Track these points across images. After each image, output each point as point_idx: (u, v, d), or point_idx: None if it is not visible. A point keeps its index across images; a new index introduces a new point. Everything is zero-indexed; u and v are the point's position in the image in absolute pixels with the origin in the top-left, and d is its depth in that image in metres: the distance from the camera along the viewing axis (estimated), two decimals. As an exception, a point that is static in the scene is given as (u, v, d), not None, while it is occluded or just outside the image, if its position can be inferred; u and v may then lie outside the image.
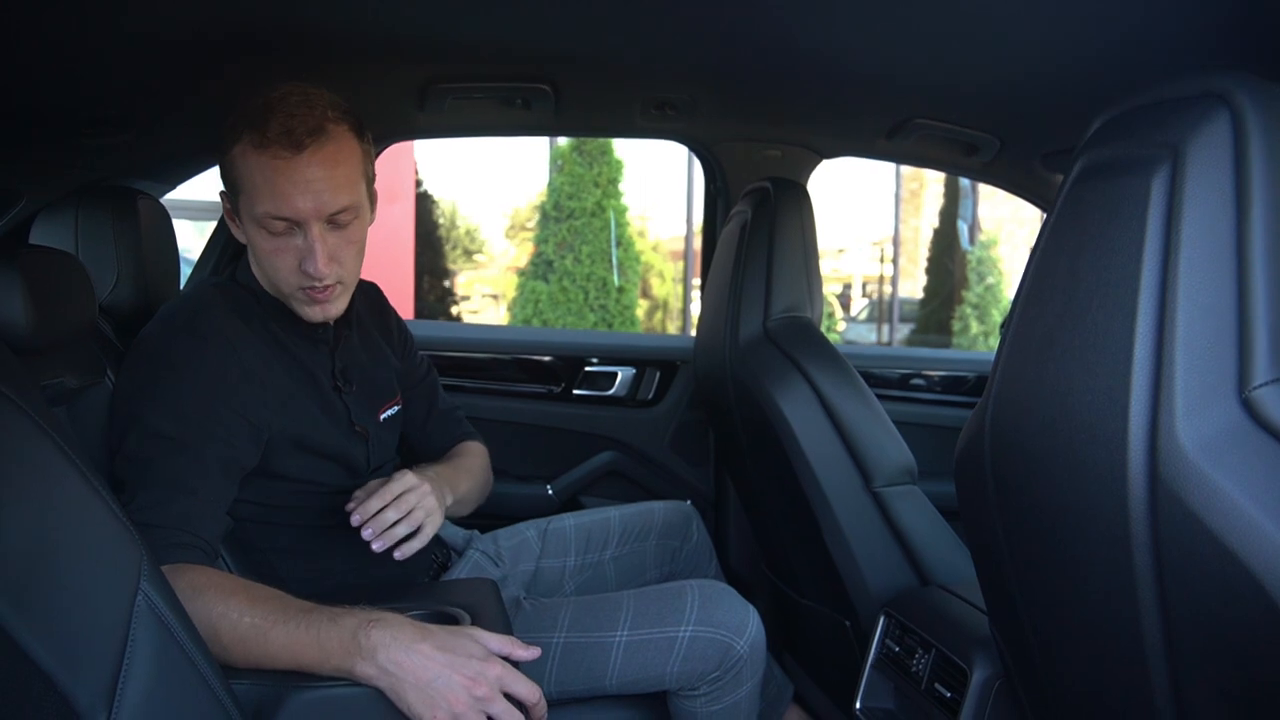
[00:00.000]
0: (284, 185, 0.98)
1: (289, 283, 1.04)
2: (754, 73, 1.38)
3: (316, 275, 1.02)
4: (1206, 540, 0.57)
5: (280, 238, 1.02)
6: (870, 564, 1.26)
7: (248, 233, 1.04)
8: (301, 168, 0.98)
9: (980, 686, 1.03)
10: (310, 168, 0.98)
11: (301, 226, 1.01)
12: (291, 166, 0.98)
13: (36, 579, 0.65)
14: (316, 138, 0.98)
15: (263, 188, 0.99)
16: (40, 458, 0.70)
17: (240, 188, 1.01)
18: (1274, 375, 0.56)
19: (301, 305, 1.07)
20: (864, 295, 10.04)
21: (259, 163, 0.98)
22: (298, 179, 0.98)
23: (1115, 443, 0.62)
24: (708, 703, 1.18)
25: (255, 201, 1.00)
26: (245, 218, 1.03)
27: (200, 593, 0.86)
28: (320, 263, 1.01)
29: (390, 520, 1.02)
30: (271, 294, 1.10)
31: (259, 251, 1.05)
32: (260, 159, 0.98)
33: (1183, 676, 0.63)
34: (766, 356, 1.31)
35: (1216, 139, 0.60)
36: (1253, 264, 0.58)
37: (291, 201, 0.98)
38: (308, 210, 0.99)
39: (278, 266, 1.03)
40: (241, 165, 1.00)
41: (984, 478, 0.79)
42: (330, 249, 1.02)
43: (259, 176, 0.99)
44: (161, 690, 0.71)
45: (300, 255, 1.02)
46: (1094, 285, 0.66)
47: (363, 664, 0.84)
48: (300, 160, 0.98)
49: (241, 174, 1.00)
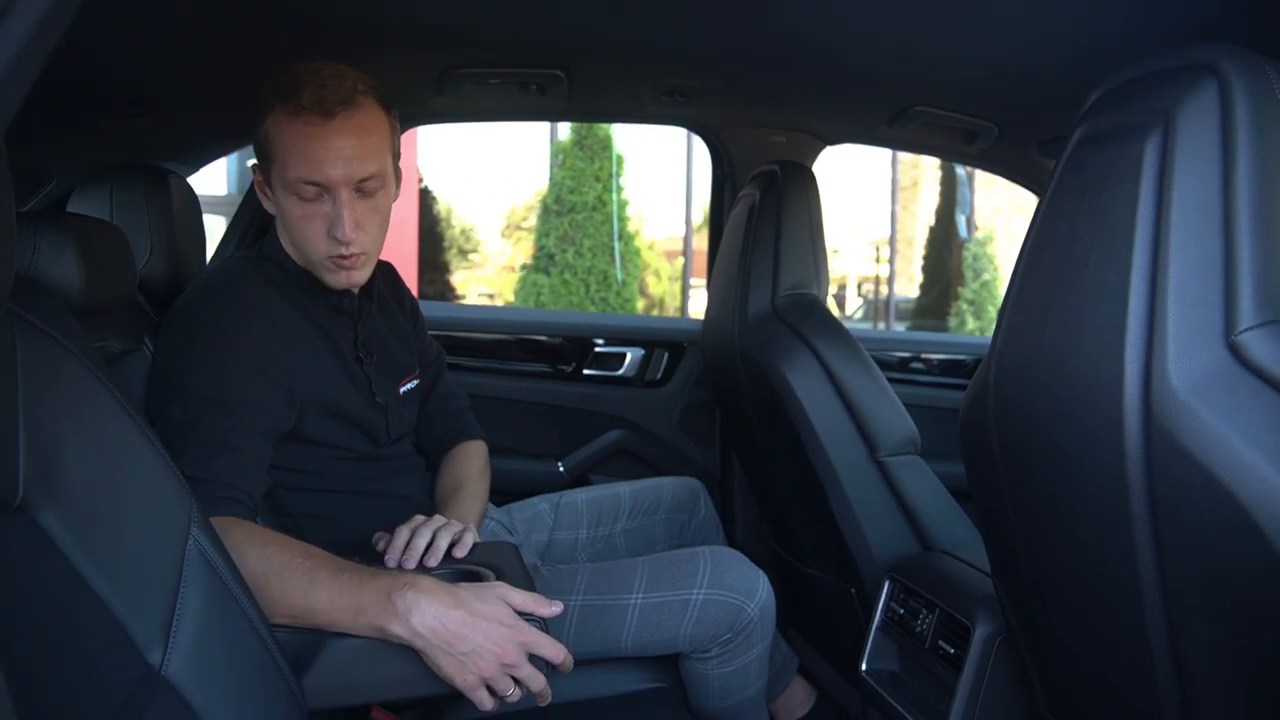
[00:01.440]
0: (316, 151, 1.02)
1: (318, 250, 1.08)
2: (761, 60, 1.43)
3: (344, 240, 1.06)
4: (1197, 474, 0.61)
5: (310, 204, 1.06)
6: (875, 531, 1.31)
7: (278, 201, 1.08)
8: (333, 134, 1.02)
9: (983, 642, 1.08)
10: (341, 135, 1.02)
11: (331, 193, 1.05)
12: (323, 133, 1.02)
13: (99, 521, 0.69)
14: (347, 106, 1.03)
15: (294, 153, 1.03)
16: (99, 408, 0.74)
17: (273, 155, 1.05)
18: (1258, 320, 0.61)
19: (328, 273, 1.11)
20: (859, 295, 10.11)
21: (292, 129, 1.03)
22: (329, 145, 1.02)
23: (1112, 389, 0.66)
24: (719, 665, 1.22)
25: (287, 167, 1.04)
26: (277, 185, 1.07)
27: (245, 545, 0.90)
28: (348, 228, 1.05)
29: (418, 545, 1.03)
30: (299, 264, 1.14)
31: (289, 219, 1.08)
32: (293, 125, 1.02)
33: (1177, 618, 0.68)
34: (775, 332, 1.36)
35: (1204, 106, 0.64)
36: (1238, 219, 0.62)
37: (322, 167, 1.03)
38: (337, 176, 1.04)
39: (307, 234, 1.07)
40: (274, 133, 1.04)
41: (988, 434, 0.84)
42: (358, 216, 1.06)
43: (291, 142, 1.03)
44: (212, 629, 0.75)
45: (329, 222, 1.06)
46: (1091, 244, 0.70)
47: (396, 624, 0.87)
48: (331, 127, 1.02)
49: (274, 141, 1.05)
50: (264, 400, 1.03)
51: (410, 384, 1.28)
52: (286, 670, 0.83)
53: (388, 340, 1.25)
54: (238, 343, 1.03)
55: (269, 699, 0.79)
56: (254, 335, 1.04)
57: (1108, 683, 0.80)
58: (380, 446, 1.19)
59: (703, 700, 1.25)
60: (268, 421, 1.03)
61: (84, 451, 0.70)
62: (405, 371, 1.27)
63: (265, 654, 0.81)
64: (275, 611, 0.89)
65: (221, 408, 0.99)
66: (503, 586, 0.94)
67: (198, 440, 0.96)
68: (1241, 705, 0.66)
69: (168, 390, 1.01)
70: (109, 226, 1.02)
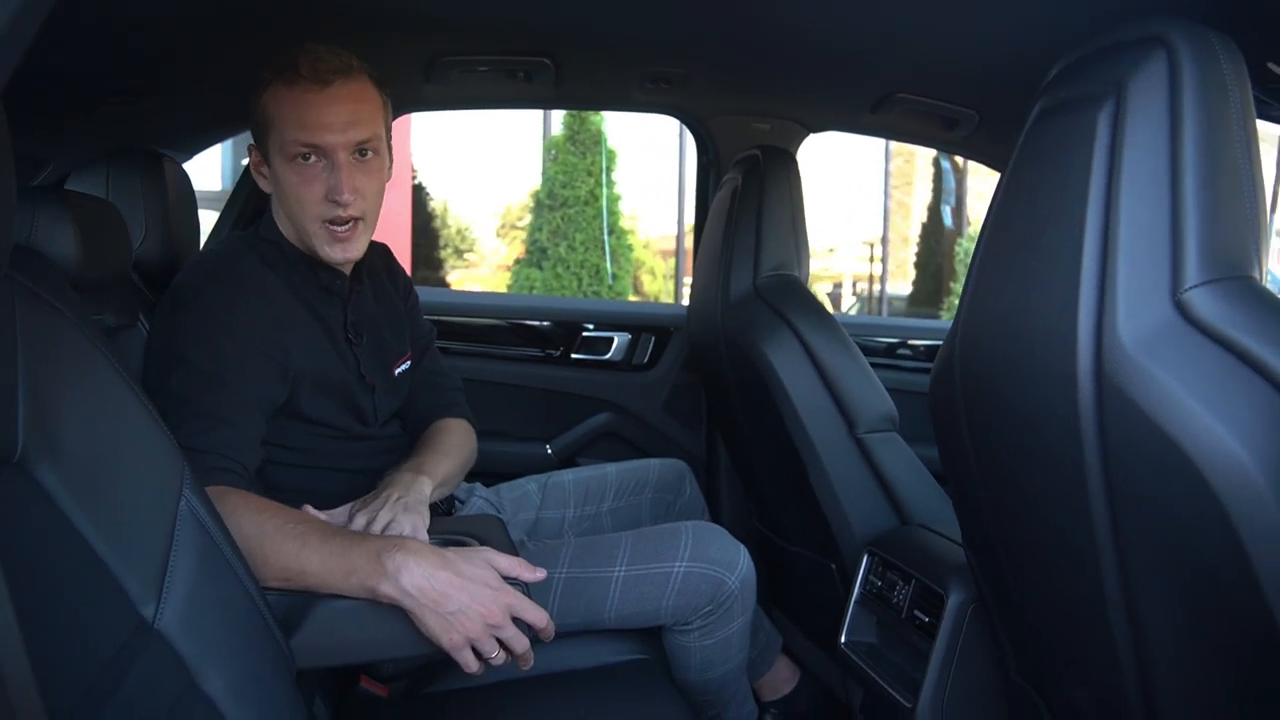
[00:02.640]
0: (313, 115, 1.06)
1: (314, 216, 1.10)
2: (745, 47, 1.45)
3: (343, 202, 1.08)
4: (1144, 425, 0.64)
5: (308, 168, 1.08)
6: (854, 507, 1.34)
7: (277, 172, 1.11)
8: (330, 100, 1.06)
9: (956, 610, 1.11)
10: (338, 101, 1.07)
11: (329, 156, 1.08)
12: (321, 98, 1.06)
13: (95, 479, 0.72)
14: (343, 75, 1.07)
15: (292, 119, 1.06)
16: (95, 372, 0.76)
17: (270, 125, 1.08)
18: (1203, 278, 0.64)
19: (324, 244, 1.13)
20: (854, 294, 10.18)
21: (289, 97, 1.06)
22: (326, 109, 1.06)
23: (1065, 347, 0.69)
24: (700, 637, 1.25)
25: (285, 132, 1.07)
26: (275, 155, 1.10)
27: (241, 511, 0.93)
28: (346, 189, 1.08)
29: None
30: (294, 244, 1.16)
31: (287, 187, 1.10)
32: (290, 94, 1.06)
33: (1129, 565, 0.71)
34: (756, 312, 1.38)
35: (1154, 76, 0.67)
36: (1184, 183, 0.65)
37: (320, 131, 1.06)
38: (335, 139, 1.07)
39: (304, 199, 1.10)
40: (271, 104, 1.08)
41: (955, 397, 0.87)
42: (355, 180, 1.09)
43: (289, 109, 1.06)
44: (203, 587, 0.78)
45: (327, 186, 1.08)
46: (1048, 211, 0.73)
47: (386, 584, 0.90)
48: (329, 93, 1.06)
49: (271, 112, 1.08)
50: (258, 375, 1.05)
51: (403, 366, 1.30)
52: (275, 629, 0.85)
53: (379, 323, 1.27)
54: (233, 319, 1.05)
55: (258, 655, 0.82)
56: (249, 312, 1.07)
57: (1070, 643, 0.83)
58: (368, 426, 1.21)
59: (685, 673, 1.27)
60: (262, 396, 1.06)
61: (81, 413, 0.73)
62: (397, 354, 1.29)
63: (255, 613, 0.83)
64: (269, 574, 0.91)
65: (218, 381, 1.01)
66: (489, 551, 0.97)
67: (195, 412, 0.99)
68: (1198, 669, 0.69)
69: (166, 363, 1.04)
70: (105, 204, 1.04)
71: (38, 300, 0.73)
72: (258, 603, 0.84)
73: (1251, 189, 0.66)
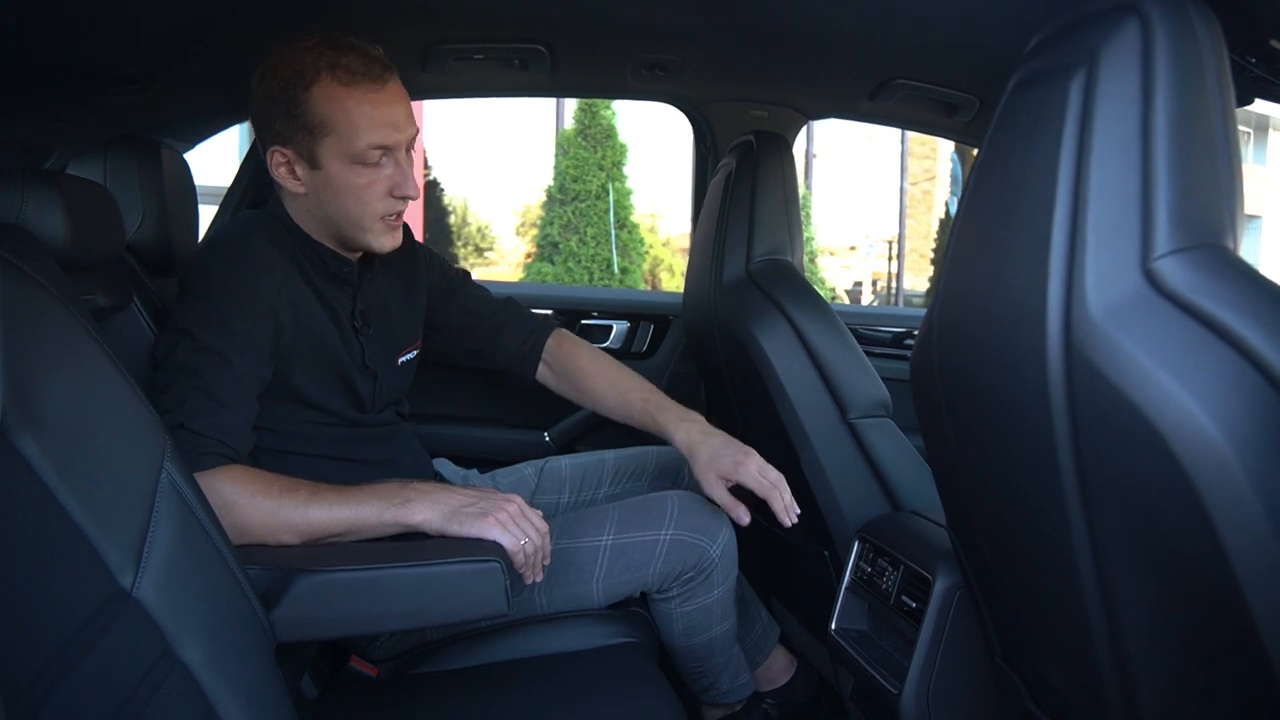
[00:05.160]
0: (382, 115, 1.06)
1: (375, 212, 1.11)
2: (740, 33, 1.45)
3: (415, 194, 1.11)
4: (1112, 396, 0.63)
5: (373, 169, 1.08)
6: (846, 493, 1.33)
7: (331, 174, 1.08)
8: (391, 99, 1.08)
9: (942, 594, 1.10)
10: (397, 99, 1.09)
11: (392, 154, 1.09)
12: (383, 98, 1.07)
13: (76, 450, 0.73)
14: (390, 71, 1.09)
15: (361, 122, 1.05)
16: (78, 346, 0.78)
17: (330, 129, 1.06)
18: (1172, 247, 0.63)
19: (379, 236, 1.13)
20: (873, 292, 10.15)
21: (351, 98, 1.05)
22: (391, 109, 1.07)
23: (1035, 319, 0.69)
24: (681, 603, 1.27)
25: (355, 137, 1.06)
26: (332, 157, 1.07)
27: (256, 480, 0.97)
28: (418, 183, 1.11)
29: None
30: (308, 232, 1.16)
31: (347, 188, 1.09)
32: (351, 94, 1.05)
33: (1101, 540, 0.70)
34: (748, 297, 1.38)
35: (1126, 44, 0.66)
36: (1156, 153, 0.64)
37: (392, 129, 1.07)
38: (403, 137, 1.09)
39: (368, 199, 1.10)
40: (328, 106, 1.05)
41: (933, 373, 0.86)
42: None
43: (355, 113, 1.05)
44: (182, 558, 0.79)
45: (389, 183, 1.10)
46: (1020, 183, 0.72)
47: (414, 505, 1.00)
48: (388, 92, 1.07)
49: (331, 114, 1.05)
50: (260, 355, 1.07)
51: (409, 355, 1.30)
52: (255, 602, 0.86)
53: (390, 308, 1.27)
54: (241, 298, 1.06)
55: (237, 626, 0.83)
56: (258, 292, 1.07)
57: (1046, 623, 0.82)
58: (364, 412, 1.22)
59: (669, 637, 1.30)
60: (262, 374, 1.07)
61: (63, 385, 0.74)
62: (406, 341, 1.30)
63: (234, 585, 0.85)
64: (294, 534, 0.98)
65: (223, 360, 1.03)
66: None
67: (195, 389, 1.00)
68: (1171, 647, 0.68)
69: (175, 336, 1.05)
70: (96, 186, 1.06)
71: (22, 275, 0.74)
72: (237, 575, 0.85)
73: (1226, 159, 0.65)
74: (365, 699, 1.12)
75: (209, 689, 0.76)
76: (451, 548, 0.97)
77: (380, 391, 1.24)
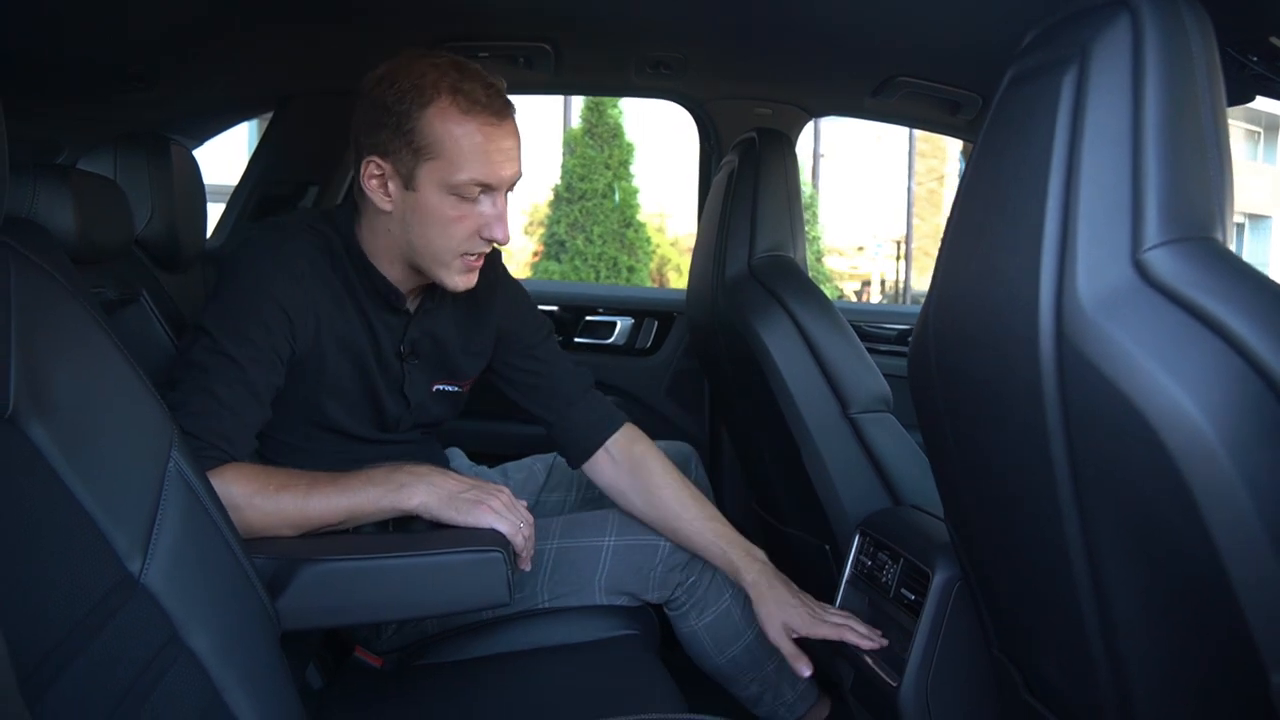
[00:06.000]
0: (494, 152, 1.01)
1: (456, 249, 1.05)
2: (743, 31, 1.46)
3: (505, 239, 1.05)
4: (1103, 387, 0.64)
5: (468, 204, 1.02)
6: (847, 487, 1.33)
7: (425, 199, 1.02)
8: (506, 135, 1.02)
9: (941, 587, 1.10)
10: (512, 135, 1.03)
11: (491, 194, 1.03)
12: (500, 133, 1.01)
13: (85, 438, 0.74)
14: (510, 108, 1.03)
15: (471, 154, 1.00)
16: (88, 336, 0.79)
17: (438, 152, 1.00)
18: (1162, 239, 0.64)
19: (454, 274, 1.07)
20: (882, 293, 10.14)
21: (468, 127, 0.99)
22: (504, 146, 1.02)
23: (1027, 310, 0.69)
24: (698, 616, 1.26)
25: (459, 168, 1.00)
26: (429, 183, 1.01)
27: (253, 479, 0.97)
28: (508, 228, 1.05)
29: None
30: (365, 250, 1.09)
31: (437, 218, 1.03)
32: (469, 123, 0.99)
33: (1093, 532, 0.71)
34: (751, 293, 1.39)
35: (1118, 39, 0.67)
36: (1146, 146, 0.65)
37: (500, 168, 1.02)
38: (509, 176, 1.03)
39: (454, 233, 1.03)
40: (442, 129, 0.99)
41: (929, 367, 0.87)
42: None
43: (467, 143, 0.99)
44: (189, 545, 0.81)
45: (480, 222, 1.03)
46: (1014, 176, 0.73)
47: (410, 490, 0.99)
48: (505, 127, 1.02)
49: (441, 138, 0.99)
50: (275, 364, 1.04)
51: (450, 386, 1.23)
52: (261, 590, 0.88)
53: (446, 341, 1.20)
54: (259, 301, 1.03)
55: (243, 614, 0.84)
56: (277, 295, 1.04)
57: (1040, 614, 0.83)
58: (386, 431, 1.19)
59: (707, 660, 1.28)
60: (275, 383, 1.05)
61: (72, 373, 0.75)
62: (455, 375, 1.23)
63: (240, 573, 0.86)
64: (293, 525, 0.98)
65: (236, 365, 1.01)
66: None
67: (203, 389, 0.99)
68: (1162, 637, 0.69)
69: (194, 331, 1.05)
70: (106, 181, 1.08)
71: (33, 267, 0.76)
72: (243, 563, 0.87)
73: (1216, 152, 0.66)
74: (370, 689, 1.14)
75: (215, 675, 0.78)
76: (454, 538, 0.98)
77: (409, 416, 1.20)
